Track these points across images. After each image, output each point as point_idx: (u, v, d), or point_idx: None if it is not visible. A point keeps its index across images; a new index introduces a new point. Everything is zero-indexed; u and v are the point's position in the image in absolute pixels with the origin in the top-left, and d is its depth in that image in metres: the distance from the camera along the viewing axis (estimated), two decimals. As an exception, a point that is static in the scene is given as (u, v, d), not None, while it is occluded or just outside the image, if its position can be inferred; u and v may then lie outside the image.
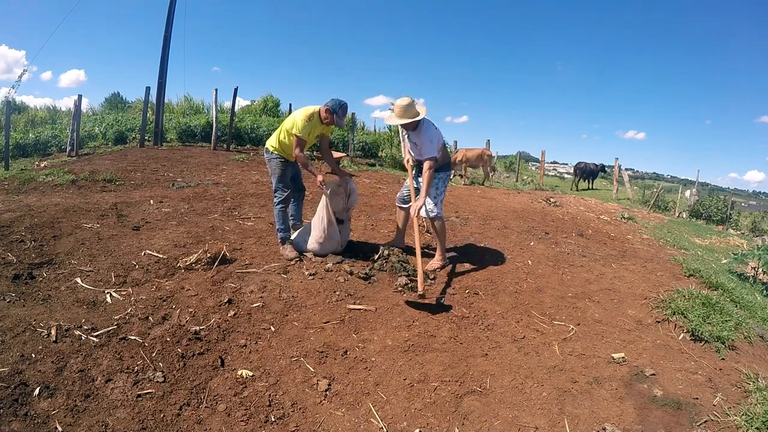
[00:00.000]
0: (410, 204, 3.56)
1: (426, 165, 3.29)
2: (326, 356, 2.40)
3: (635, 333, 2.90)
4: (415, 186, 3.61)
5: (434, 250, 3.75)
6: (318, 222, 3.53)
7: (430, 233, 4.04)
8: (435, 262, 3.62)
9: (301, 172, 3.87)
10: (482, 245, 4.37)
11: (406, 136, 3.48)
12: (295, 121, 3.40)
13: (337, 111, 3.39)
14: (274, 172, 3.59)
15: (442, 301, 3.10)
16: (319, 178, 3.44)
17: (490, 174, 11.24)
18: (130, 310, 2.64)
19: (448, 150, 14.39)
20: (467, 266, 3.73)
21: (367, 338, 2.59)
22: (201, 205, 5.03)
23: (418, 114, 3.31)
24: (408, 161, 3.64)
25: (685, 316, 2.99)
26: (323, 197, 3.52)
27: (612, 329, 2.92)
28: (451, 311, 2.97)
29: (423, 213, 3.44)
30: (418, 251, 3.19)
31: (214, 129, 10.21)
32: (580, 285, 3.61)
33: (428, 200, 3.44)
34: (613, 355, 2.60)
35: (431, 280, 3.39)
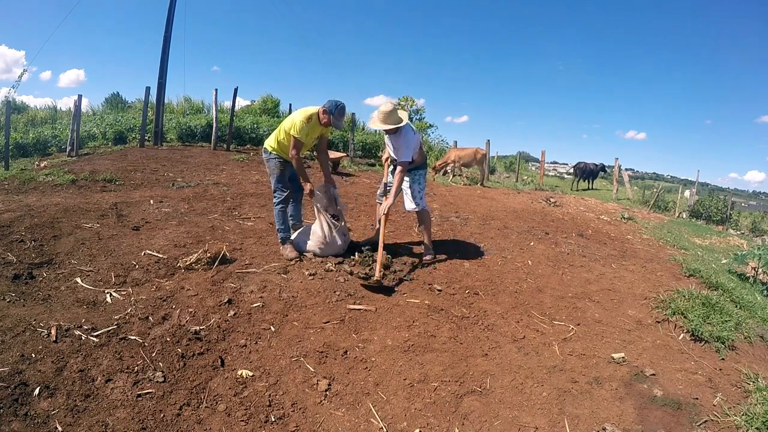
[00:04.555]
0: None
1: (398, 168, 3.53)
2: (326, 356, 2.40)
3: (635, 333, 2.90)
4: (389, 181, 3.88)
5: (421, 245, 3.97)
6: (319, 229, 3.55)
7: (418, 230, 4.26)
8: (427, 256, 3.82)
9: None
10: (482, 245, 4.37)
11: (387, 137, 3.72)
12: (293, 122, 3.40)
13: (333, 112, 3.38)
14: (273, 172, 3.59)
15: (394, 287, 3.28)
16: (307, 188, 3.47)
17: (486, 173, 11.20)
18: (130, 310, 2.64)
19: (446, 148, 14.41)
20: (467, 266, 3.74)
21: (367, 338, 2.59)
22: (201, 205, 5.03)
23: (399, 120, 3.52)
24: (386, 159, 3.90)
25: (685, 316, 2.99)
26: (315, 206, 3.55)
27: (612, 329, 2.92)
28: (451, 311, 2.97)
29: (412, 207, 3.76)
30: (381, 243, 3.47)
31: (214, 129, 10.22)
32: (580, 285, 3.61)
33: (416, 196, 3.75)
34: (613, 355, 2.60)
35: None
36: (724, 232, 9.57)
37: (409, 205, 3.79)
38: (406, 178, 3.75)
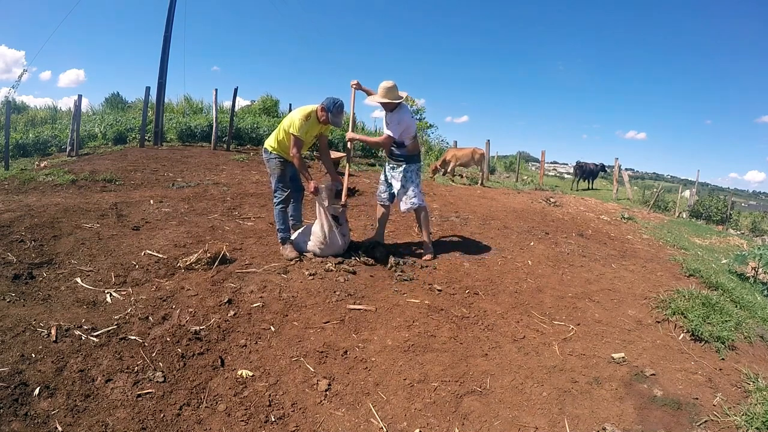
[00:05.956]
0: (389, 202, 3.91)
1: (383, 136, 3.65)
2: (326, 356, 2.40)
3: (635, 333, 2.90)
4: (385, 179, 3.88)
5: (421, 246, 3.98)
6: (319, 229, 3.54)
7: (418, 230, 4.25)
8: (427, 255, 3.82)
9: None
10: (482, 245, 4.37)
11: (384, 116, 3.72)
12: (292, 120, 3.40)
13: (331, 109, 3.39)
14: (274, 172, 3.59)
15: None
16: (312, 185, 3.44)
17: (486, 173, 11.18)
18: (130, 310, 2.64)
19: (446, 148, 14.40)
20: (467, 266, 3.74)
21: (367, 338, 2.59)
22: (201, 205, 5.03)
23: (398, 97, 3.56)
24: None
25: (685, 316, 2.99)
26: (317, 204, 3.53)
27: (612, 329, 2.92)
28: (451, 311, 2.97)
29: (408, 206, 3.74)
30: (347, 174, 3.69)
31: (214, 129, 10.21)
32: (580, 285, 3.61)
33: (410, 194, 3.72)
34: (613, 355, 2.60)
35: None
36: (724, 232, 9.58)
37: (405, 204, 3.74)
38: (399, 174, 3.72)
